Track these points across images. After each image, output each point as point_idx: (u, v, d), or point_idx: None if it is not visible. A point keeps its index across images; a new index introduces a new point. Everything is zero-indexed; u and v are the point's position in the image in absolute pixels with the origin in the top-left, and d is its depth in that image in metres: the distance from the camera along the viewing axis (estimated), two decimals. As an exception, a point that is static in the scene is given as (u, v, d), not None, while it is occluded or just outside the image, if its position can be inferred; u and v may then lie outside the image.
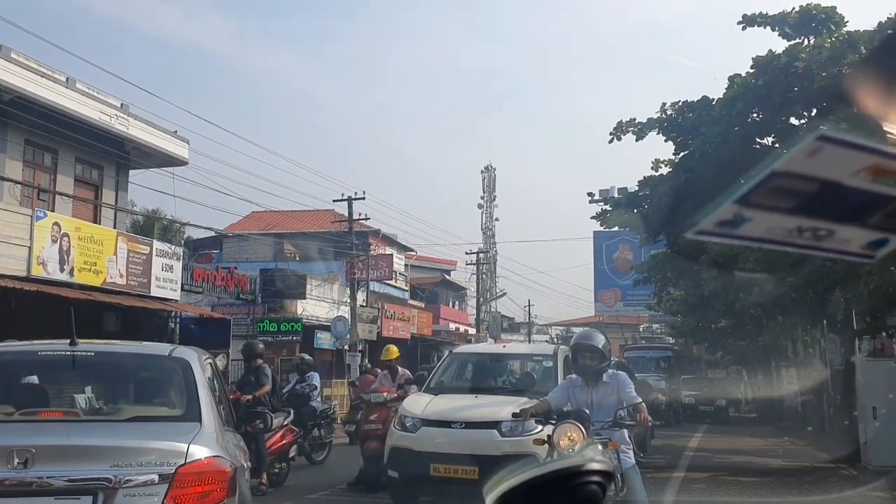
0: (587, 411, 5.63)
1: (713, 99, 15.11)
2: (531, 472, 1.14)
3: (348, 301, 26.98)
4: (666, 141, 15.87)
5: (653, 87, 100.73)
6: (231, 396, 9.83)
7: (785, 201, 0.95)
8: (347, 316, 26.22)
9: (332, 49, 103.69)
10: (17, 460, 3.36)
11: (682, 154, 15.80)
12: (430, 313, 39.75)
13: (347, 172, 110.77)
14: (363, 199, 27.45)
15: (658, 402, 19.80)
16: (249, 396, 10.40)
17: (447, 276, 49.65)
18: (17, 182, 17.42)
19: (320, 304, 28.74)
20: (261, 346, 11.80)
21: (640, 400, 5.79)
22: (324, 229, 32.86)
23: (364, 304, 28.74)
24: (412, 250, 41.78)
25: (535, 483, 1.12)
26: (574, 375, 6.23)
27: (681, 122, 15.48)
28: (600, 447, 5.36)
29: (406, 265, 42.33)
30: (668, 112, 15.88)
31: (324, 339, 28.36)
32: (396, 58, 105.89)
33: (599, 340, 6.11)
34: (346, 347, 25.82)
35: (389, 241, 38.53)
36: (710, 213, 1.02)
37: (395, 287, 38.25)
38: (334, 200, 28.22)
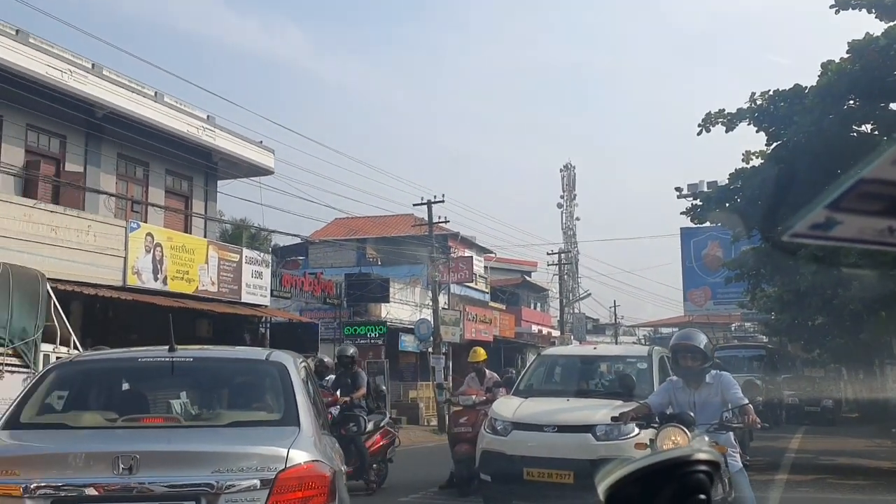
0: (691, 414, 5.40)
1: (806, 87, 14.47)
2: (640, 462, 1.13)
3: (431, 304, 27.03)
4: (757, 132, 15.29)
5: (739, 79, 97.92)
6: (329, 398, 10.09)
7: (875, 205, 1.02)
8: (430, 319, 26.27)
9: (407, 55, 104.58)
10: (122, 466, 3.37)
11: (774, 145, 15.20)
12: (511, 315, 39.50)
13: (425, 176, 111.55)
14: (442, 202, 27.48)
15: (756, 402, 19.12)
16: (347, 398, 10.55)
17: (528, 278, 49.27)
18: (112, 195, 18.07)
19: (403, 307, 28.90)
20: (355, 349, 11.97)
21: (746, 401, 5.52)
22: (405, 233, 33.06)
23: (446, 307, 28.76)
24: (491, 252, 41.63)
25: (644, 473, 1.11)
26: (674, 377, 5.99)
27: (772, 111, 14.88)
28: (707, 438, 5.14)
29: (486, 267, 42.21)
30: (759, 102, 15.29)
31: (408, 342, 28.53)
32: (470, 60, 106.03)
33: (701, 340, 5.85)
34: (430, 350, 25.87)
35: (469, 243, 38.50)
36: (803, 216, 1.07)
37: (475, 289, 38.19)
38: (414, 204, 28.38)
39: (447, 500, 10.09)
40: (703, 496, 1.12)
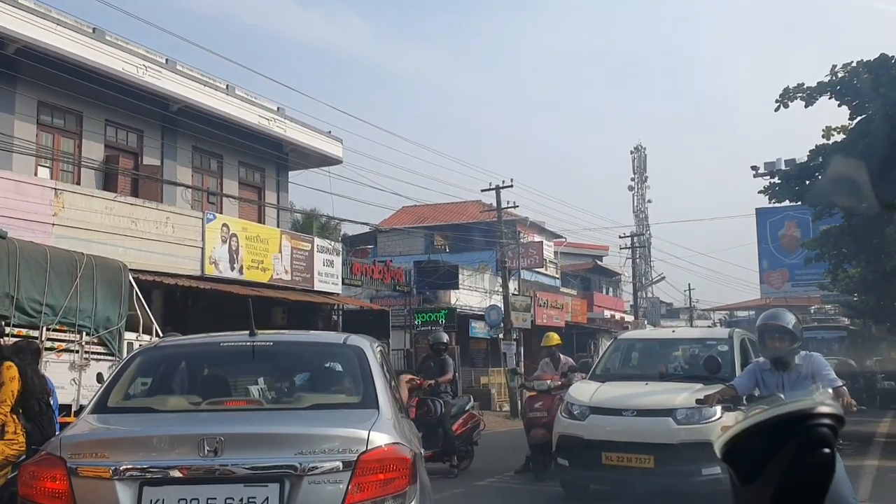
0: (781, 396, 5.19)
1: (892, 57, 13.81)
2: (760, 415, 1.08)
3: (500, 290, 26.91)
4: (840, 105, 14.69)
5: (816, 52, 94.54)
6: (415, 382, 10.44)
7: None
8: (500, 305, 26.17)
9: (470, 41, 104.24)
10: (206, 448, 3.40)
11: (858, 118, 14.57)
12: (583, 301, 39.06)
13: (493, 162, 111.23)
14: (511, 186, 27.24)
15: (853, 384, 18.46)
16: (431, 381, 10.73)
17: (599, 262, 48.65)
18: (188, 187, 18.49)
19: (473, 293, 28.87)
20: (447, 336, 12.31)
21: (840, 383, 5.28)
22: (473, 220, 32.99)
23: (516, 293, 28.60)
24: (561, 237, 41.21)
25: (764, 427, 1.07)
26: (761, 359, 5.77)
27: (856, 83, 14.26)
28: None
29: (556, 252, 41.82)
30: (840, 74, 14.68)
31: (478, 328, 28.51)
32: (534, 45, 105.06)
33: (789, 320, 5.60)
34: (501, 336, 25.79)
35: (538, 228, 38.19)
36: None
37: (545, 275, 37.90)
38: (482, 190, 28.20)
39: (524, 485, 10.02)
40: (827, 450, 1.06)
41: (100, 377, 8.66)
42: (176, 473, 3.40)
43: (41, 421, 5.73)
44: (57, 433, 5.76)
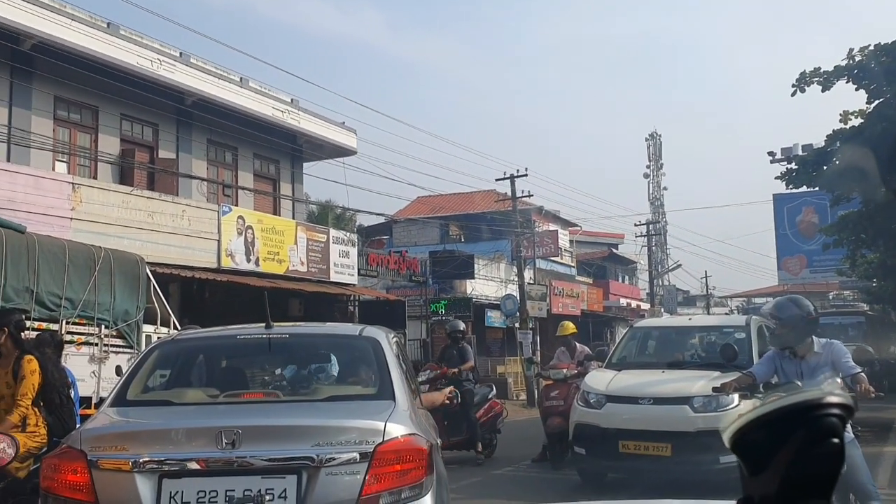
0: (799, 383, 5.14)
1: (911, 39, 13.64)
2: (767, 406, 1.06)
3: (516, 279, 26.88)
4: (857, 90, 14.53)
5: (832, 37, 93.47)
6: (437, 371, 10.70)
7: None
8: (516, 294, 26.16)
9: (482, 30, 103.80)
10: (224, 441, 3.43)
11: (876, 102, 14.40)
12: (599, 289, 38.95)
13: (508, 151, 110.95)
14: (525, 175, 27.13)
15: (873, 370, 18.23)
16: (455, 370, 10.88)
17: (615, 250, 48.44)
18: (204, 179, 18.58)
19: (488, 283, 28.86)
20: (463, 325, 12.37)
21: (859, 370, 5.22)
22: (488, 209, 32.94)
23: (532, 282, 28.57)
24: (577, 225, 41.07)
25: (772, 417, 1.06)
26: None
27: (874, 67, 14.08)
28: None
29: (571, 241, 41.70)
30: (857, 58, 14.50)
31: (494, 318, 28.50)
32: (551, 33, 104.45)
33: (805, 307, 5.54)
34: (517, 325, 25.79)
35: (553, 217, 38.07)
36: None
37: (561, 264, 37.79)
38: (497, 179, 28.11)
39: (541, 473, 10.04)
40: (836, 440, 1.05)
41: (118, 370, 8.76)
42: (194, 466, 3.43)
43: (62, 413, 5.80)
44: (78, 425, 5.83)
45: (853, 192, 15.88)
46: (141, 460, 3.42)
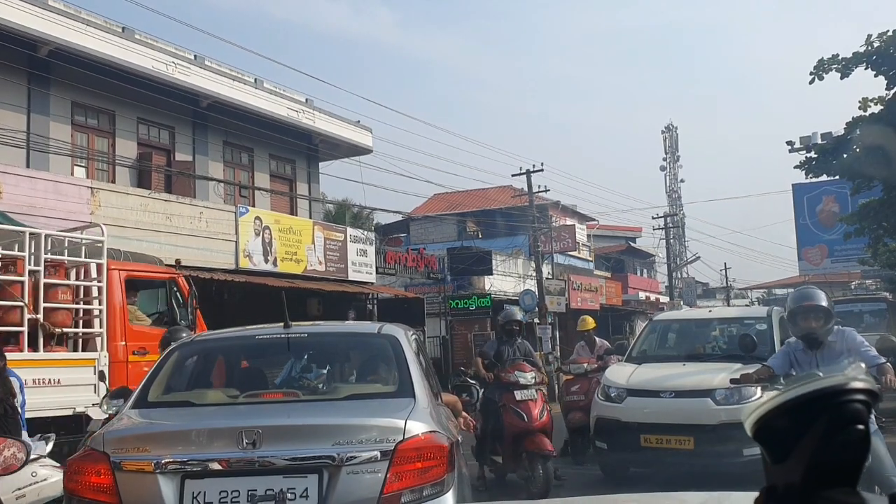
0: (819, 374, 5.09)
1: (932, 22, 13.45)
2: (790, 392, 1.05)
3: (534, 274, 26.83)
4: (876, 76, 14.37)
5: (850, 24, 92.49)
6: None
7: None
8: (534, 289, 26.11)
9: (497, 25, 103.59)
10: (245, 441, 3.44)
11: (895, 88, 14.24)
12: (618, 283, 38.79)
13: (524, 146, 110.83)
14: (541, 170, 27.06)
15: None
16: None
17: (632, 244, 48.26)
18: (220, 181, 18.66)
19: (506, 278, 28.82)
20: (521, 313, 11.95)
21: (883, 360, 5.16)
22: (505, 205, 32.89)
23: (550, 277, 28.50)
24: (594, 219, 40.94)
25: (795, 404, 1.04)
26: (793, 339, 5.65)
27: (892, 52, 13.93)
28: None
29: (589, 235, 41.56)
30: (876, 44, 14.33)
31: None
32: (563, 27, 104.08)
33: (822, 297, 5.48)
34: (536, 320, 25.73)
35: (570, 211, 37.97)
36: None
37: (579, 258, 37.68)
38: (513, 175, 28.06)
39: (563, 468, 9.97)
40: (860, 426, 1.03)
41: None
42: (216, 466, 3.45)
43: (7, 425, 5.80)
44: (24, 433, 5.88)
45: (874, 179, 15.70)
46: (163, 461, 3.44)
